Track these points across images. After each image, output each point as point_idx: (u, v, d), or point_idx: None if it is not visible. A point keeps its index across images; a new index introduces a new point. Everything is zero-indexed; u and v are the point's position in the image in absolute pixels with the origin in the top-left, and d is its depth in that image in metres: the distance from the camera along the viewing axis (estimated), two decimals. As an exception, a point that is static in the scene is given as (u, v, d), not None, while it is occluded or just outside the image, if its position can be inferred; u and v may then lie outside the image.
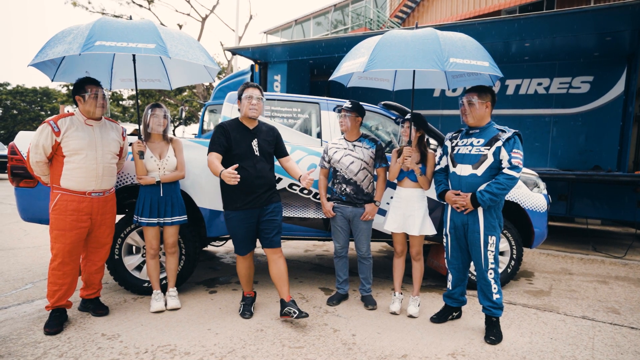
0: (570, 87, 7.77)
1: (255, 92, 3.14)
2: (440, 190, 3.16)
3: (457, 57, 2.80)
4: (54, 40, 2.90)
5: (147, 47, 2.78)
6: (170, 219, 3.37)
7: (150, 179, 3.30)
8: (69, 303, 3.07)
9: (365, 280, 3.64)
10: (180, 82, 3.95)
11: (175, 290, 3.51)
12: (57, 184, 2.96)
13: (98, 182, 3.04)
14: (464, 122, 3.09)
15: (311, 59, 8.48)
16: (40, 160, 2.92)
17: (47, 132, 2.89)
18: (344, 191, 3.49)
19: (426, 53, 2.81)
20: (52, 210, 2.95)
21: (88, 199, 3.01)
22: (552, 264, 5.39)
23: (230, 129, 3.12)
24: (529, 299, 3.90)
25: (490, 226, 2.96)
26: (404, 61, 2.82)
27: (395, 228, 3.37)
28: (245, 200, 3.12)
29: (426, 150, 3.38)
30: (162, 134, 3.41)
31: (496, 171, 2.92)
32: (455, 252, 3.18)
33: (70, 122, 2.96)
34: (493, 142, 2.91)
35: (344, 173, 3.49)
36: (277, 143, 3.32)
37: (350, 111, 3.46)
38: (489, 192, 2.86)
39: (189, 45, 3.12)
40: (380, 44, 2.97)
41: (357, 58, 3.10)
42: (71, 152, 2.93)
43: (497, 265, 3.00)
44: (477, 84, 3.13)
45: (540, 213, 4.13)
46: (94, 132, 3.05)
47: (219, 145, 3.07)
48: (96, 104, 3.02)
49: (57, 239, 2.94)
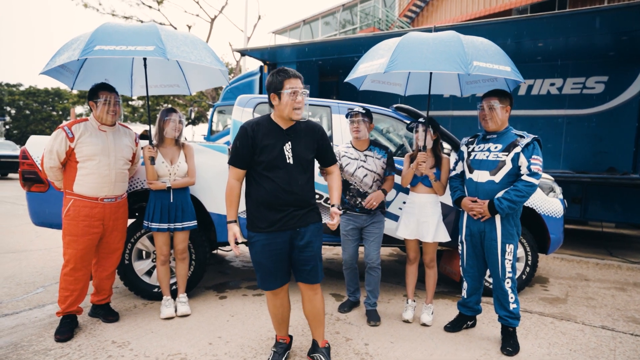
0: (584, 88, 7.62)
1: (299, 84, 2.39)
2: (456, 196, 3.09)
3: (480, 61, 2.73)
4: (63, 48, 2.91)
5: (146, 50, 2.74)
6: (180, 224, 3.34)
7: (160, 184, 3.28)
8: (79, 309, 3.05)
9: (371, 293, 3.44)
10: (199, 86, 3.92)
11: (186, 297, 3.48)
12: (70, 189, 2.96)
13: (111, 188, 3.03)
14: (482, 127, 3.02)
15: (320, 60, 8.43)
16: (54, 165, 2.92)
17: (61, 138, 2.88)
18: (358, 204, 3.37)
19: (449, 55, 2.73)
20: (65, 215, 2.94)
21: (100, 205, 2.99)
22: (567, 269, 5.28)
23: (258, 133, 2.41)
24: (545, 307, 3.81)
25: (508, 234, 2.89)
26: (426, 63, 2.74)
27: (409, 234, 3.30)
28: (271, 220, 2.40)
29: (441, 154, 3.31)
30: (176, 139, 3.38)
31: (514, 178, 2.84)
32: (471, 260, 3.10)
33: (84, 128, 2.95)
34: (511, 148, 2.84)
35: (358, 187, 3.36)
36: (319, 147, 2.58)
37: (365, 116, 3.35)
38: (507, 199, 2.79)
39: (194, 46, 3.07)
40: (402, 46, 2.89)
41: (375, 59, 3.02)
42: (84, 158, 2.93)
43: (514, 274, 2.92)
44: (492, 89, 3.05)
45: (556, 219, 4.03)
46: (107, 138, 3.03)
47: (242, 159, 2.41)
48: (107, 110, 3.01)
49: (69, 245, 2.93)
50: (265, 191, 2.39)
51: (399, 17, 19.60)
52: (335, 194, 2.61)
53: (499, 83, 3.42)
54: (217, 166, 3.64)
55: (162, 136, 3.36)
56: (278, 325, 2.67)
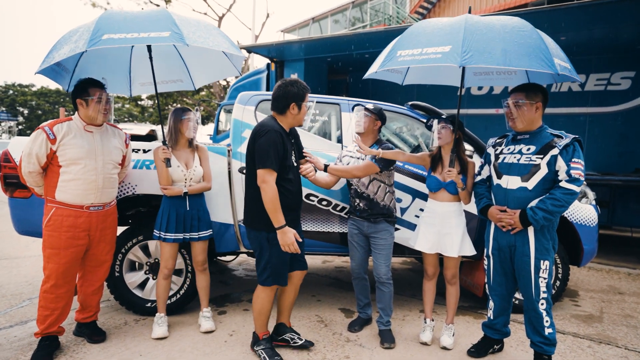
0: (609, 84, 7.21)
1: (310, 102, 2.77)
2: (482, 205, 2.73)
3: (558, 58, 2.35)
4: (60, 42, 2.62)
5: (161, 36, 2.44)
6: (197, 234, 3.05)
7: (177, 189, 2.97)
8: (61, 329, 2.76)
9: (383, 311, 3.10)
10: (204, 80, 3.62)
11: (210, 311, 3.20)
12: (52, 196, 2.65)
13: (97, 195, 2.72)
14: (509, 127, 2.65)
15: (329, 57, 8.10)
16: (34, 170, 2.61)
17: (41, 140, 2.57)
18: (357, 206, 3.09)
19: (530, 49, 2.30)
20: (46, 226, 2.64)
21: (86, 214, 2.69)
22: (597, 280, 4.86)
23: (282, 136, 2.57)
24: (579, 327, 3.42)
25: (543, 249, 2.52)
26: (507, 57, 2.25)
27: (429, 248, 2.94)
28: (292, 221, 2.63)
29: (466, 158, 2.94)
30: (190, 140, 3.09)
31: (551, 184, 2.47)
32: (499, 277, 2.74)
33: (67, 129, 2.64)
34: (547, 150, 2.47)
35: (356, 186, 3.10)
36: (300, 146, 2.94)
37: (369, 111, 3.06)
38: (542, 209, 2.42)
39: (208, 32, 2.77)
40: (470, 32, 2.34)
41: (430, 45, 2.42)
42: (68, 161, 2.61)
43: (549, 294, 2.55)
44: (506, 84, 2.68)
45: (590, 227, 3.64)
46: (94, 139, 2.72)
47: (278, 161, 2.51)
48: (100, 110, 2.70)
49: (50, 259, 2.63)
50: (290, 193, 2.60)
51: (410, 13, 19.15)
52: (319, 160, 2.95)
53: (517, 77, 3.05)
54: (215, 170, 3.31)
55: (177, 138, 3.05)
56: (266, 320, 2.77)
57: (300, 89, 2.61)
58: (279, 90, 2.61)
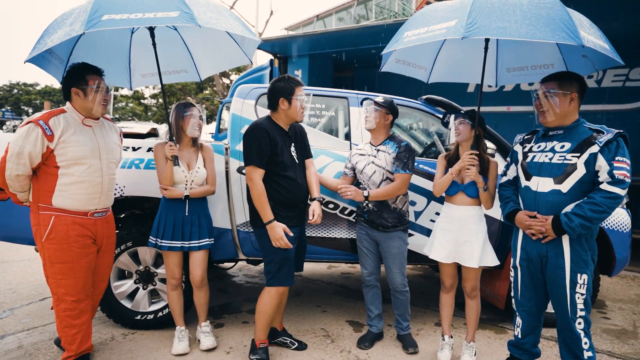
0: (627, 80, 6.89)
1: (303, 91, 2.62)
2: (508, 210, 2.41)
3: (585, 32, 2.06)
4: (53, 26, 2.31)
5: (169, 16, 2.16)
6: (197, 242, 2.74)
7: (177, 192, 2.68)
8: (91, 346, 2.49)
9: (401, 317, 2.95)
10: (211, 70, 3.33)
11: (209, 325, 2.90)
12: (47, 203, 2.27)
13: (102, 199, 2.41)
14: (539, 122, 2.34)
15: (334, 53, 7.82)
16: (23, 173, 2.21)
17: (36, 136, 2.17)
18: (366, 207, 2.81)
19: (551, 20, 2.05)
20: (48, 239, 2.26)
21: (91, 222, 2.37)
22: (624, 288, 4.52)
23: (272, 132, 2.52)
24: (613, 344, 3.10)
25: (580, 261, 2.20)
26: (520, 29, 2.04)
27: (445, 257, 2.64)
28: (289, 217, 2.56)
29: (487, 156, 2.64)
30: (194, 139, 2.80)
31: (589, 186, 2.16)
32: (528, 292, 2.42)
33: (65, 123, 2.26)
34: (585, 147, 2.15)
35: (366, 185, 2.83)
36: (305, 146, 2.80)
37: (379, 105, 2.78)
38: (579, 215, 2.10)
39: (219, 13, 2.49)
40: (479, 5, 2.19)
41: (434, 23, 2.29)
42: (69, 162, 2.26)
43: (588, 312, 2.24)
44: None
45: (623, 233, 3.31)
46: (94, 135, 2.38)
47: (265, 158, 2.48)
48: (99, 100, 2.35)
49: (65, 274, 2.29)
50: (287, 190, 2.54)
51: (416, 10, 18.81)
52: (314, 186, 2.70)
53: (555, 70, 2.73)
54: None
55: (179, 136, 2.75)
56: (268, 327, 2.67)
57: (289, 83, 2.55)
58: (269, 87, 2.60)
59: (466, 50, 2.87)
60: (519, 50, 2.83)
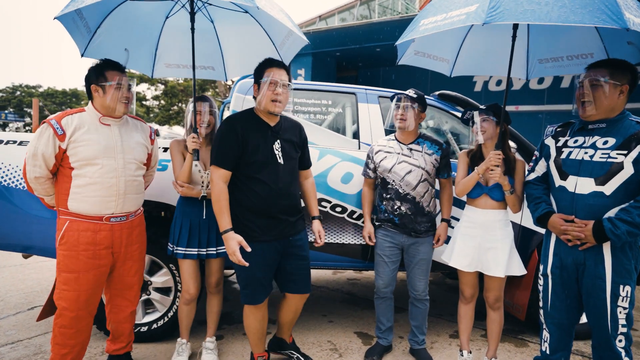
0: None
1: (282, 75, 2.19)
2: (540, 212, 2.16)
3: (631, 14, 1.79)
4: None
5: None
6: (214, 249, 2.53)
7: (194, 191, 2.45)
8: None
9: (417, 329, 2.74)
10: (239, 71, 3.09)
11: (214, 342, 2.68)
12: (64, 206, 2.15)
13: (119, 202, 2.20)
14: (576, 112, 2.10)
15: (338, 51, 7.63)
16: (41, 175, 2.11)
17: (47, 136, 2.07)
18: (397, 210, 2.57)
19: (588, 1, 1.78)
20: (60, 244, 2.14)
21: (107, 227, 2.18)
22: (647, 296, 4.27)
23: (245, 127, 2.19)
24: (646, 359, 2.86)
25: (624, 271, 1.96)
26: (552, 12, 1.77)
27: (467, 265, 2.40)
28: (265, 228, 2.22)
29: (514, 156, 2.40)
30: (207, 136, 2.57)
31: (637, 188, 1.92)
32: (559, 302, 2.17)
33: (79, 121, 2.13)
34: (633, 144, 1.91)
35: (397, 186, 2.58)
36: (303, 147, 2.44)
37: (415, 102, 2.54)
38: (626, 221, 1.86)
39: (271, 3, 2.32)
40: None
41: (455, 9, 2.05)
42: (81, 162, 2.11)
43: (629, 328, 2.00)
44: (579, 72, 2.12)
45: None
46: (111, 133, 2.20)
47: (230, 158, 2.15)
48: (119, 98, 2.17)
49: (68, 284, 2.12)
50: (258, 196, 2.19)
51: (420, 9, 18.61)
52: (312, 203, 2.50)
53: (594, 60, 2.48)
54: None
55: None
56: (258, 341, 2.45)
57: (260, 65, 2.24)
58: None
59: (494, 40, 2.61)
60: (552, 38, 2.54)
